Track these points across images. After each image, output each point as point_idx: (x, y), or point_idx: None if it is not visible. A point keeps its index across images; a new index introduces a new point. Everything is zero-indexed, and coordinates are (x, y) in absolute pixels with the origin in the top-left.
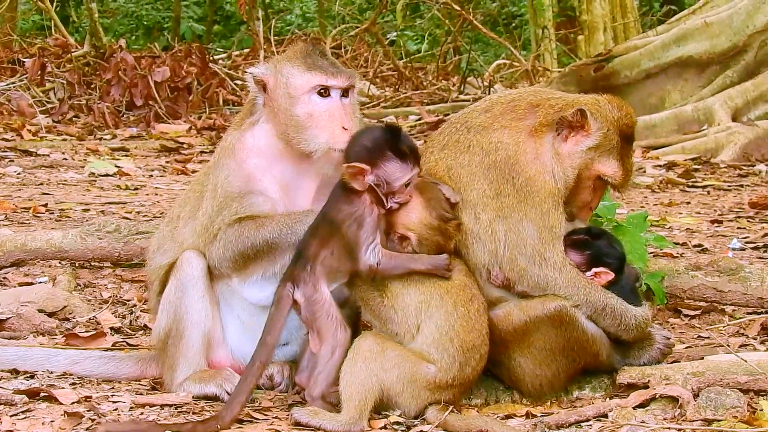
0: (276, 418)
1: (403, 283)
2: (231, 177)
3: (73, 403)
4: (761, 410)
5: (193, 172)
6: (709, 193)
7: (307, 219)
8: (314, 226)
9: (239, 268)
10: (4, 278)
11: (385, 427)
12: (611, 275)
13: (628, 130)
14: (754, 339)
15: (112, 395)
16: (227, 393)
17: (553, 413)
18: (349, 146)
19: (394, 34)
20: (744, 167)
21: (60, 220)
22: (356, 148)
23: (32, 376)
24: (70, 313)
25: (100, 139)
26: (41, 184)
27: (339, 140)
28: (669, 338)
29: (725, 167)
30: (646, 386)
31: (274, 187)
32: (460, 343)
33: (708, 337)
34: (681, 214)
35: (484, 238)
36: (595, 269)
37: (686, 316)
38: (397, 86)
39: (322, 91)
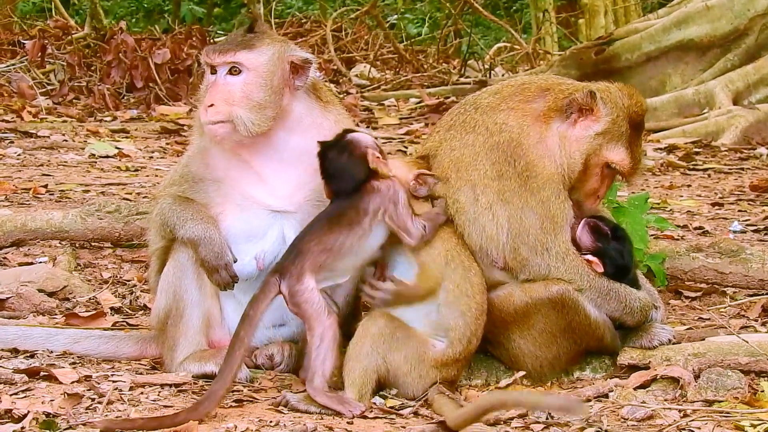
0: (276, 398)
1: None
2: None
3: (73, 382)
4: (762, 391)
5: None
6: (709, 176)
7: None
8: (317, 223)
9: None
10: (5, 258)
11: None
12: (600, 269)
13: (637, 119)
14: (755, 320)
15: (112, 375)
16: None
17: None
18: (343, 151)
19: (395, 17)
20: (745, 150)
21: (60, 201)
22: (354, 146)
23: (32, 356)
24: (70, 293)
25: (101, 120)
26: (41, 165)
27: (205, 116)
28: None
29: (726, 150)
30: (647, 367)
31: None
32: (476, 305)
33: (709, 319)
34: (682, 196)
35: (483, 221)
36: (590, 256)
37: (687, 297)
38: (397, 69)
39: (210, 68)
